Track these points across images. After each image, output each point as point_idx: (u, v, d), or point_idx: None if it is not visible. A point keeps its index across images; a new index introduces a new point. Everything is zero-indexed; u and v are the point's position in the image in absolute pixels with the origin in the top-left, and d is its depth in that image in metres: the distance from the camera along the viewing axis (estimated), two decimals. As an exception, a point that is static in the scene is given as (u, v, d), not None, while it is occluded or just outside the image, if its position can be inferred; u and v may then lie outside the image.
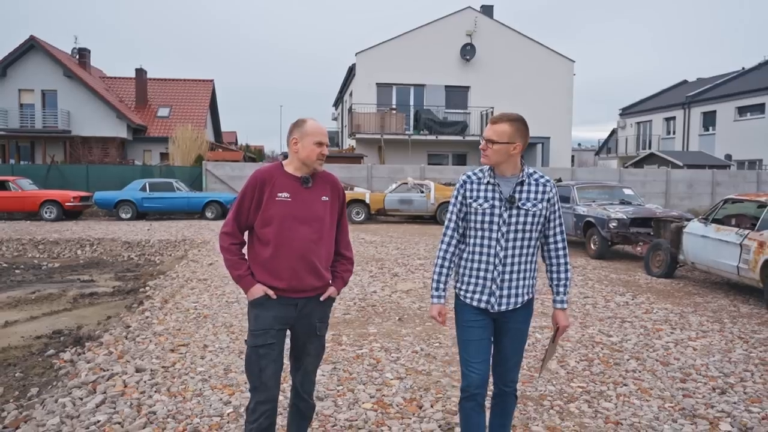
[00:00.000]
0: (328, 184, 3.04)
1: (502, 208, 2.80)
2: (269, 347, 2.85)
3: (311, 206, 2.92)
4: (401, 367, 4.91)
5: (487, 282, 2.83)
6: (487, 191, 2.84)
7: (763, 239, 7.06)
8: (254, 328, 2.89)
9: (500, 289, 2.82)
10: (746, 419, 3.90)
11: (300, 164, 2.93)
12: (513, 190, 2.81)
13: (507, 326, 2.89)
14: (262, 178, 2.91)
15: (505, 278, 2.82)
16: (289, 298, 2.89)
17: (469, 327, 2.88)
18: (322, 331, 3.05)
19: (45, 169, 22.96)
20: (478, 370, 2.85)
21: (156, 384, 4.47)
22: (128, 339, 5.73)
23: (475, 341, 2.86)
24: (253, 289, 2.87)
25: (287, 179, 2.92)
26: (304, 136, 2.90)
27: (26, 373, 5.10)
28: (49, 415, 3.92)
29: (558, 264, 2.96)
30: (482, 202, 2.83)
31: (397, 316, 6.63)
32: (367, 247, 12.58)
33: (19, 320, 7.13)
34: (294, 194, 2.90)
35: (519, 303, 2.86)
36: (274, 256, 2.86)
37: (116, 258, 12.45)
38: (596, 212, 11.29)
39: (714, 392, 4.40)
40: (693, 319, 6.66)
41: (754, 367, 5.00)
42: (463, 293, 2.91)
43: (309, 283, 2.91)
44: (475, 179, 2.90)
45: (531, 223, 2.82)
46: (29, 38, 30.83)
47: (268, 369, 2.85)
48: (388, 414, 3.95)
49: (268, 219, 2.87)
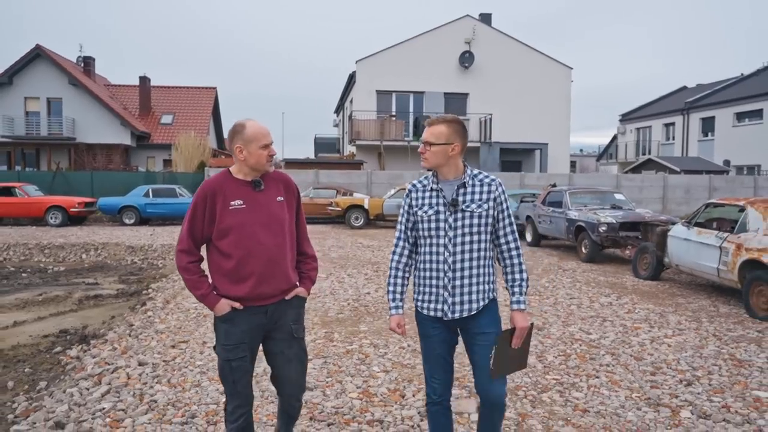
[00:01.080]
0: (281, 183, 2.98)
1: (447, 213, 2.77)
2: (241, 360, 2.83)
3: (268, 209, 2.86)
4: (388, 361, 5.21)
5: (439, 290, 2.80)
6: (431, 197, 2.82)
7: (740, 242, 7.34)
8: (225, 343, 2.85)
9: (452, 296, 2.78)
10: (706, 407, 4.19)
11: (249, 170, 2.87)
12: (455, 192, 2.79)
13: (472, 333, 2.84)
14: (212, 189, 2.83)
15: (456, 284, 2.77)
16: (258, 306, 2.85)
17: (428, 338, 2.89)
18: (299, 332, 2.98)
19: (50, 176, 23.37)
20: (438, 381, 2.89)
21: (157, 376, 4.78)
22: (131, 336, 6.04)
23: (436, 355, 2.88)
24: (218, 306, 2.82)
25: (238, 186, 2.85)
26: (249, 142, 2.81)
27: (35, 368, 5.37)
28: (58, 403, 4.22)
29: (512, 265, 2.89)
30: (427, 209, 2.81)
31: (388, 316, 6.91)
32: (364, 251, 12.88)
33: (27, 320, 7.40)
34: (247, 200, 2.83)
35: (474, 309, 2.80)
36: (239, 265, 2.79)
37: (120, 262, 12.75)
38: (587, 217, 11.58)
39: (681, 384, 4.69)
40: (672, 318, 6.94)
41: (723, 362, 5.28)
42: (419, 303, 2.89)
43: (277, 287, 2.87)
44: (420, 187, 2.89)
45: (478, 225, 2.78)
46: (35, 47, 31.23)
47: (242, 380, 2.86)
48: (372, 402, 4.25)
49: (224, 230, 2.80)
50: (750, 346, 5.80)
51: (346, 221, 19.24)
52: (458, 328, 2.87)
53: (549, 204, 13.47)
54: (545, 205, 13.56)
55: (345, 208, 19.15)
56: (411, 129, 28.24)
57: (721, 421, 3.97)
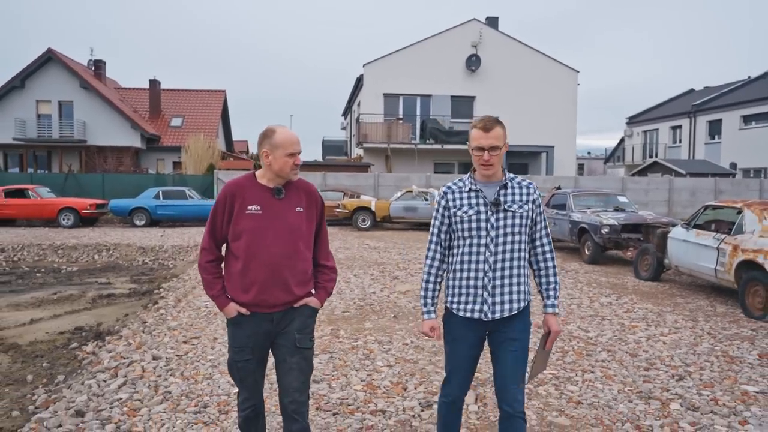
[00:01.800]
0: (303, 193, 2.95)
1: (488, 213, 2.76)
2: (246, 362, 2.88)
3: (284, 218, 2.84)
4: (391, 356, 5.42)
5: (478, 290, 2.77)
6: (470, 198, 2.81)
7: (737, 243, 7.51)
8: (232, 344, 2.93)
9: (492, 296, 2.76)
10: (695, 400, 4.38)
11: (273, 176, 2.86)
12: (497, 193, 2.80)
13: (503, 337, 2.82)
14: (232, 191, 2.85)
15: (497, 284, 2.76)
16: (264, 313, 2.86)
17: (457, 342, 2.86)
18: (304, 343, 2.91)
19: (62, 178, 23.74)
20: (459, 384, 2.90)
21: (171, 369, 5.01)
22: (145, 333, 6.27)
23: (461, 357, 2.86)
24: (226, 309, 2.87)
25: (258, 191, 2.85)
26: (275, 148, 2.80)
27: (52, 363, 5.61)
28: (77, 394, 4.46)
29: (546, 268, 2.91)
30: (467, 209, 2.79)
31: (392, 314, 7.15)
32: (370, 252, 13.10)
33: (43, 318, 7.65)
34: (265, 206, 2.83)
35: (514, 309, 2.80)
36: (244, 270, 2.81)
37: (131, 262, 13.02)
38: (590, 219, 11.76)
39: (672, 379, 4.88)
40: (669, 317, 7.12)
41: (715, 358, 5.47)
42: (455, 305, 2.84)
43: (278, 297, 2.84)
44: (456, 189, 2.87)
45: (519, 225, 2.78)
46: (47, 50, 31.66)
47: (248, 379, 2.93)
48: (376, 394, 4.47)
49: (238, 233, 2.82)
50: (743, 344, 5.98)
51: (353, 223, 19.47)
52: (489, 331, 2.85)
53: (553, 206, 13.64)
54: (549, 208, 13.74)
55: (352, 210, 19.38)
56: (418, 132, 28.45)
57: (709, 412, 4.16)
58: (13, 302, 8.60)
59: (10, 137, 31.31)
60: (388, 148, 27.23)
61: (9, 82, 31.50)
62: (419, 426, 3.90)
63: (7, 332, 6.87)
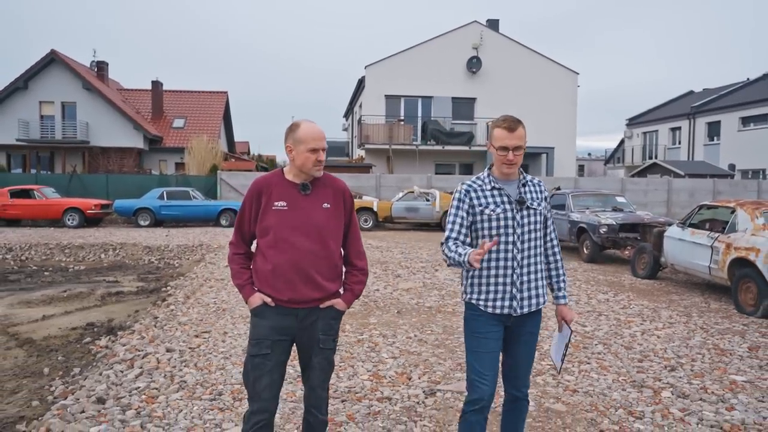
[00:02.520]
0: (330, 189, 2.91)
1: (514, 211, 2.82)
2: (263, 357, 2.78)
3: (310, 214, 2.81)
4: (396, 349, 5.64)
5: (507, 287, 2.82)
6: (494, 196, 2.85)
7: (730, 241, 7.73)
8: (252, 337, 2.85)
9: (520, 292, 2.83)
10: (686, 389, 4.60)
11: (298, 171, 2.85)
12: (519, 191, 2.86)
13: (520, 331, 2.90)
14: (259, 187, 2.86)
15: (524, 280, 2.83)
16: (289, 308, 2.82)
17: (484, 338, 2.86)
18: (327, 344, 2.90)
19: (67, 179, 23.97)
20: (490, 381, 2.84)
21: (185, 360, 5.23)
22: (157, 327, 6.49)
23: (489, 353, 2.85)
24: (251, 298, 2.83)
25: (285, 187, 2.84)
26: (298, 143, 2.78)
27: (67, 357, 5.82)
28: (97, 384, 4.67)
29: (555, 261, 3.03)
30: (493, 207, 2.83)
31: (396, 310, 7.37)
32: (373, 252, 13.32)
33: (55, 314, 7.85)
34: (291, 202, 2.81)
35: (541, 303, 2.91)
36: (271, 267, 2.79)
37: (138, 261, 13.23)
38: (588, 218, 11.99)
39: (665, 369, 5.10)
40: (664, 313, 7.34)
41: (707, 351, 5.69)
42: (482, 302, 2.86)
43: (306, 294, 2.81)
44: (478, 187, 2.89)
45: (541, 222, 2.89)
46: (50, 52, 31.89)
47: (262, 380, 2.78)
48: (382, 383, 4.69)
49: (264, 229, 2.82)
50: (734, 337, 6.20)
51: (355, 223, 19.67)
52: (510, 326, 2.90)
53: (552, 206, 13.86)
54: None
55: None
56: (419, 133, 28.68)
57: (698, 400, 4.38)
58: (24, 299, 8.80)
59: (13, 138, 31.54)
60: (389, 149, 27.46)
61: (12, 83, 31.74)
62: (423, 412, 4.12)
63: (20, 328, 7.07)
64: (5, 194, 19.62)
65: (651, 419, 4.02)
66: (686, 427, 3.90)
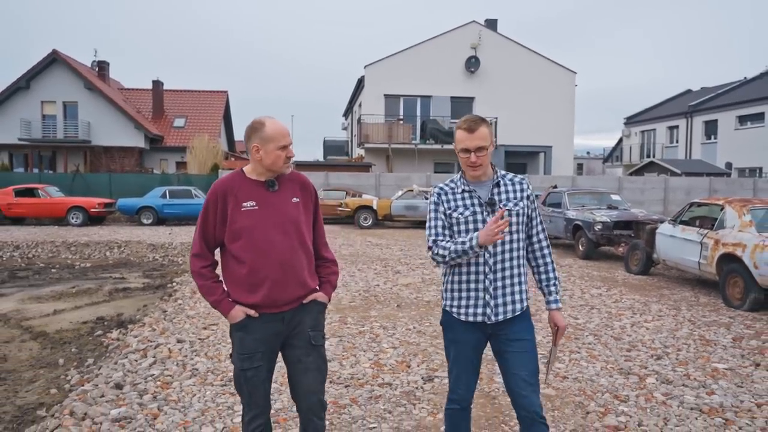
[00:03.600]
0: (296, 183, 2.84)
1: (484, 213, 2.71)
2: (256, 370, 2.70)
3: (282, 210, 2.73)
4: (396, 340, 5.91)
5: (479, 293, 2.71)
6: (464, 199, 2.76)
7: (718, 237, 8.01)
8: (240, 352, 2.72)
9: (494, 299, 2.70)
10: (670, 376, 4.87)
11: (264, 170, 2.75)
12: (490, 192, 2.75)
13: (507, 339, 2.74)
14: (222, 189, 2.72)
15: (497, 285, 2.70)
16: (273, 313, 2.71)
17: (459, 344, 2.80)
18: (318, 340, 2.82)
19: (70, 178, 24.27)
20: (465, 386, 2.82)
21: (195, 350, 5.51)
22: (166, 320, 6.77)
23: (465, 359, 2.80)
24: (232, 313, 2.69)
25: (251, 186, 2.73)
26: (266, 142, 2.67)
27: (80, 348, 6.06)
28: (113, 371, 4.95)
29: (545, 264, 2.87)
30: (462, 210, 2.74)
31: (396, 304, 7.64)
32: (373, 249, 13.60)
33: (66, 309, 8.09)
34: (261, 201, 2.71)
35: (517, 310, 2.74)
36: (252, 270, 2.66)
37: (142, 259, 13.48)
38: (583, 216, 12.27)
39: (651, 358, 5.37)
40: (654, 306, 7.62)
41: (692, 341, 5.96)
42: (455, 309, 2.77)
43: (293, 293, 2.73)
44: (449, 190, 2.81)
45: (516, 224, 2.73)
46: (52, 52, 32.15)
47: (257, 390, 2.73)
48: (382, 370, 4.96)
49: (237, 232, 2.68)
50: (720, 329, 6.48)
51: (355, 221, 19.98)
52: (491, 334, 2.78)
53: (549, 204, 14.14)
54: (545, 206, 14.23)
55: (354, 208, 19.88)
56: (418, 132, 28.96)
57: (681, 385, 4.65)
58: (34, 295, 9.04)
59: (15, 138, 31.81)
60: (389, 149, 27.74)
61: (14, 83, 32.04)
62: (422, 396, 4.39)
63: (33, 322, 7.32)
64: (10, 193, 19.90)
65: (635, 402, 4.29)
66: (667, 409, 4.17)
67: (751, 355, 5.52)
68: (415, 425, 3.88)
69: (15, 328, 6.96)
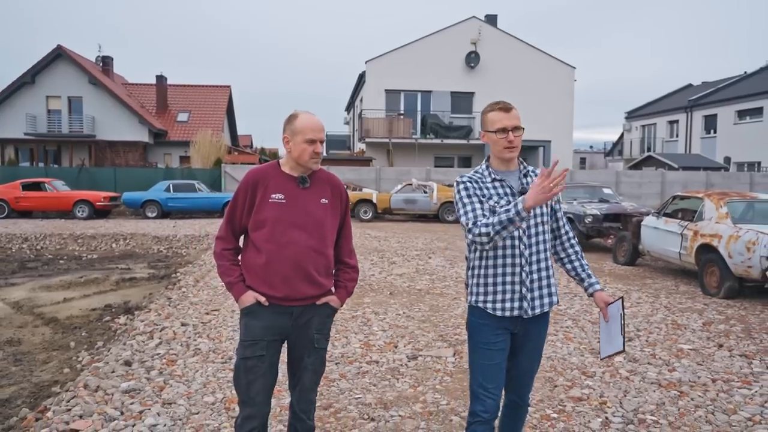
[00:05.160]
0: (328, 185, 2.84)
1: None
2: (258, 359, 2.66)
3: (308, 209, 2.73)
4: (386, 324, 6.31)
5: (515, 286, 2.62)
6: (496, 188, 2.66)
7: (697, 229, 8.39)
8: (244, 338, 2.71)
9: (531, 291, 2.63)
10: (638, 355, 5.26)
11: (294, 164, 2.76)
12: (521, 182, 2.68)
13: (527, 339, 2.72)
14: (255, 178, 2.73)
15: (534, 278, 2.63)
16: (284, 306, 2.70)
17: (489, 350, 2.66)
18: (321, 343, 2.81)
19: (76, 172, 24.71)
20: (495, 395, 2.66)
21: (198, 333, 5.91)
22: (171, 306, 7.17)
23: (494, 365, 2.66)
24: (243, 297, 2.70)
25: (282, 179, 2.74)
26: (295, 133, 2.69)
27: (90, 333, 6.46)
28: (122, 350, 5.35)
29: (575, 252, 2.85)
30: (497, 199, 2.62)
31: (389, 292, 8.04)
32: (371, 241, 14.00)
33: (75, 297, 8.49)
34: (289, 196, 2.71)
35: (554, 302, 2.72)
36: (267, 262, 2.66)
37: (147, 251, 13.90)
38: (575, 209, 12.65)
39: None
40: (635, 294, 8.01)
41: (665, 325, 6.35)
42: (490, 305, 2.65)
43: (303, 291, 2.70)
44: (478, 178, 2.69)
45: (547, 214, 2.70)
46: (56, 47, 32.51)
47: (256, 383, 2.67)
48: (371, 350, 5.36)
49: (260, 222, 2.69)
50: (693, 315, 6.87)
51: (355, 215, 20.37)
52: (518, 329, 2.70)
53: (543, 198, 14.48)
54: (539, 199, 14.58)
55: (354, 202, 20.28)
56: (419, 127, 29.32)
57: (646, 363, 5.05)
58: (44, 285, 9.45)
59: (21, 132, 32.24)
60: (389, 143, 28.10)
61: (20, 78, 32.42)
62: (405, 371, 4.79)
63: (44, 309, 7.72)
64: (17, 187, 20.34)
65: (600, 378, 4.68)
66: (629, 383, 4.56)
67: (717, 337, 5.91)
68: (396, 396, 4.28)
69: (28, 314, 7.37)
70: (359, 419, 3.88)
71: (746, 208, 8.38)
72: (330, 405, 4.10)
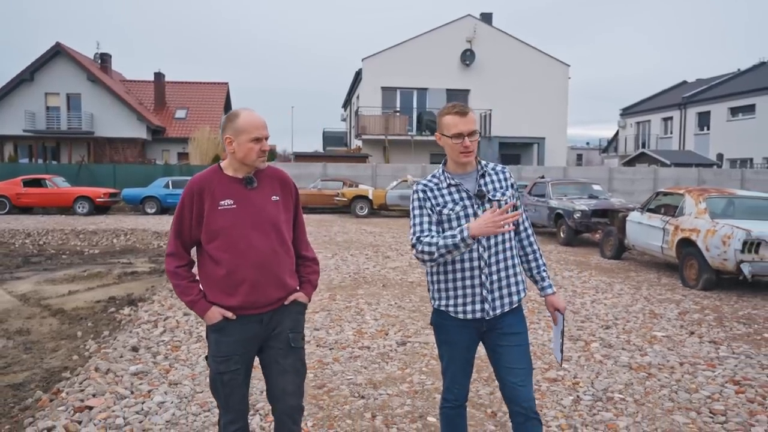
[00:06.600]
0: (276, 181, 2.73)
1: (474, 206, 2.62)
2: (234, 373, 2.60)
3: (261, 209, 2.62)
4: (378, 313, 6.66)
5: (475, 289, 2.62)
6: (452, 194, 2.65)
7: (678, 223, 8.75)
8: (215, 354, 2.62)
9: (491, 293, 2.62)
10: (613, 342, 5.61)
11: (239, 165, 2.62)
12: (477, 184, 2.67)
13: (501, 333, 2.67)
14: (199, 186, 2.59)
15: (494, 279, 2.62)
16: (251, 315, 2.60)
17: (453, 345, 2.73)
18: (298, 342, 2.72)
19: (76, 168, 25.02)
20: (460, 386, 2.79)
21: (199, 321, 6.24)
22: (173, 297, 7.49)
23: (460, 360, 2.74)
24: (209, 314, 2.59)
25: (228, 183, 2.61)
26: (239, 133, 2.56)
27: (95, 323, 6.76)
28: (129, 338, 5.68)
29: (533, 252, 2.81)
30: (452, 206, 2.63)
31: (381, 284, 8.39)
32: (367, 236, 14.35)
33: (79, 290, 8.78)
34: (238, 199, 2.59)
35: (516, 302, 2.70)
36: (228, 273, 2.56)
37: (148, 246, 14.20)
38: (564, 205, 13.01)
39: (601, 328, 6.10)
40: (617, 286, 8.37)
41: (642, 315, 6.70)
42: (451, 308, 2.68)
43: (272, 295, 2.63)
44: (433, 186, 2.69)
45: None
46: (55, 44, 32.81)
47: (234, 395, 2.64)
48: (363, 337, 5.71)
49: (213, 232, 2.57)
50: (670, 305, 7.22)
51: (351, 211, 20.71)
52: (486, 329, 2.69)
53: (534, 194, 14.87)
54: (531, 195, 14.96)
55: (351, 198, 20.61)
56: (414, 124, 29.65)
57: (620, 348, 5.39)
58: (48, 278, 9.75)
59: (20, 129, 32.55)
60: (385, 140, 28.43)
61: (19, 75, 32.72)
62: (395, 356, 5.14)
63: (50, 301, 8.02)
64: (18, 183, 20.65)
65: (576, 361, 5.03)
66: (602, 366, 4.91)
67: (690, 325, 6.26)
68: (385, 377, 4.62)
69: (35, 306, 7.67)
70: (350, 397, 4.23)
71: (725, 204, 8.76)
72: (323, 385, 4.44)
